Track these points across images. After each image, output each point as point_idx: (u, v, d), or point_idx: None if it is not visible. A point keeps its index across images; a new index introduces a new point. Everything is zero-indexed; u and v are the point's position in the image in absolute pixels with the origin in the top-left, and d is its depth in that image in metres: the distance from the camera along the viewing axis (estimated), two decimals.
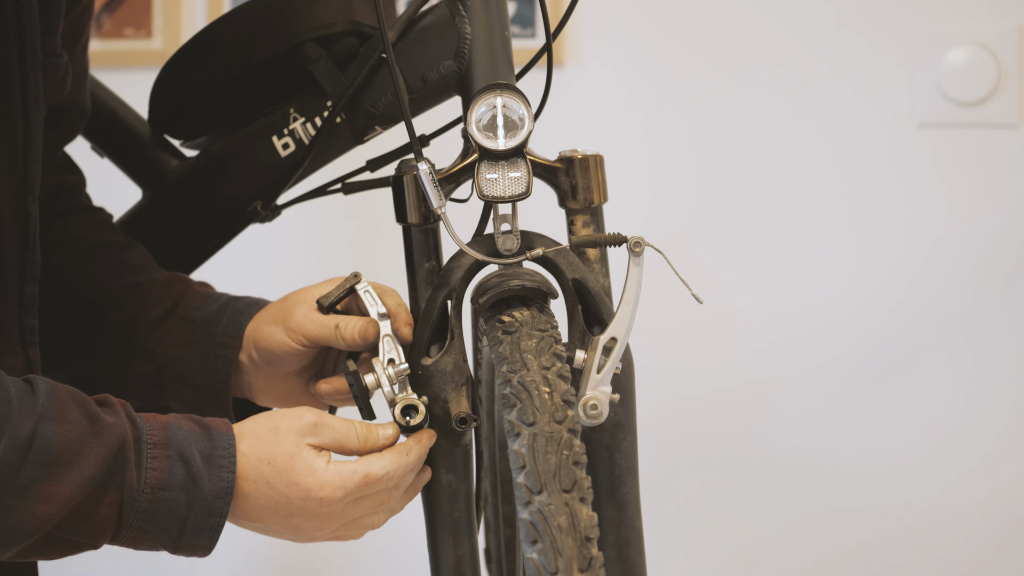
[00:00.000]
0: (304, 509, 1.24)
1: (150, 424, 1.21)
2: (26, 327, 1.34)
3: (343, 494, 1.24)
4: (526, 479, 1.10)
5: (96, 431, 1.18)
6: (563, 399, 1.15)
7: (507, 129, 1.28)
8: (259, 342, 1.41)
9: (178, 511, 1.21)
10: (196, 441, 1.22)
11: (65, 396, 1.19)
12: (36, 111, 1.33)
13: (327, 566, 2.47)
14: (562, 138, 1.52)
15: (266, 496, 1.24)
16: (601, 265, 1.37)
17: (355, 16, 1.49)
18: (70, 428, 1.18)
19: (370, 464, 1.25)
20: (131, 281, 1.48)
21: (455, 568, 1.32)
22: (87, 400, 1.20)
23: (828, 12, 2.34)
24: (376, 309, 1.34)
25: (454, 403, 1.29)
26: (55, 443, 1.17)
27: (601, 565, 1.06)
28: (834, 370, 2.37)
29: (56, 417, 1.18)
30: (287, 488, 1.23)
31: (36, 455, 1.16)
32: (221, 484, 1.21)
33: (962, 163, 2.34)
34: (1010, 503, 2.35)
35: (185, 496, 1.20)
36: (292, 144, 1.51)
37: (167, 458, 1.20)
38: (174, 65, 1.55)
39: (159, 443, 1.20)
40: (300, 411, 1.26)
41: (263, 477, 1.23)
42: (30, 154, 1.33)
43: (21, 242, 1.33)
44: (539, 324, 1.22)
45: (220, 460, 1.22)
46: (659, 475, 2.37)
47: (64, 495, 1.17)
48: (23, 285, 1.34)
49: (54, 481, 1.17)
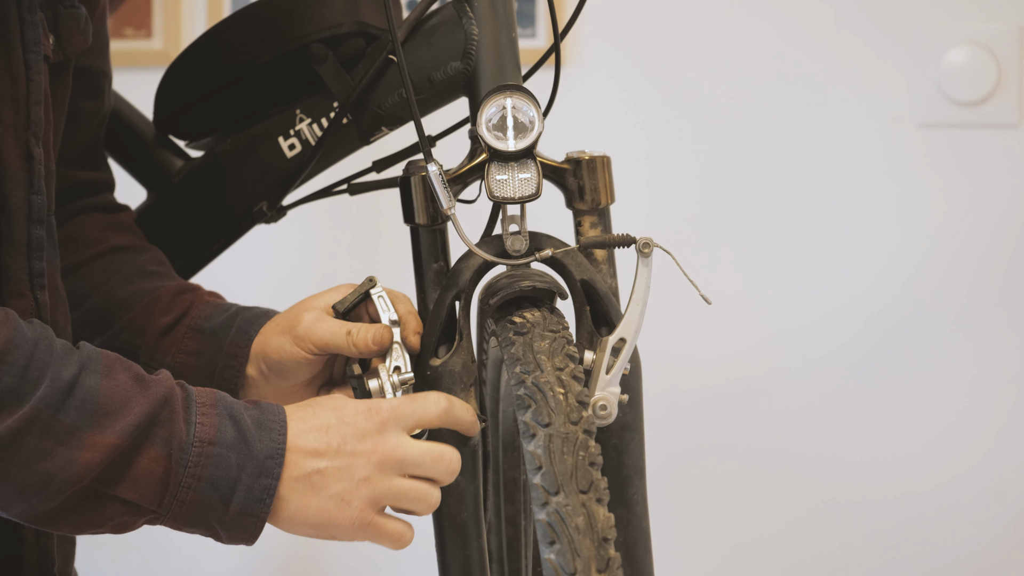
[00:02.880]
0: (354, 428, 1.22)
1: (198, 390, 1.21)
2: (34, 270, 1.33)
3: (388, 406, 1.23)
4: (543, 480, 1.10)
5: (142, 388, 1.18)
6: (578, 400, 1.16)
7: (517, 130, 1.28)
8: (268, 355, 1.40)
9: (229, 470, 1.18)
10: (245, 408, 1.21)
11: (112, 357, 1.19)
12: (35, 55, 1.33)
13: (333, 566, 2.47)
14: (562, 138, 1.52)
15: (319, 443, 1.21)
16: (609, 266, 1.37)
17: (362, 17, 1.49)
18: (115, 383, 1.17)
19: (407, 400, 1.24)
20: (142, 287, 1.47)
21: (463, 568, 1.32)
22: (133, 364, 1.20)
23: (828, 13, 2.35)
24: (388, 315, 1.34)
25: None
26: (100, 393, 1.16)
27: (619, 566, 1.06)
28: (835, 365, 2.37)
29: (102, 371, 1.17)
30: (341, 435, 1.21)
31: (79, 402, 1.15)
32: (272, 445, 1.19)
33: (961, 163, 2.34)
34: (1010, 496, 2.36)
35: (236, 455, 1.19)
36: (298, 145, 1.51)
37: (217, 416, 1.19)
38: (180, 65, 1.55)
39: (208, 403, 1.20)
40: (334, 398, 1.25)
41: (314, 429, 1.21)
42: (31, 96, 1.32)
43: (27, 184, 1.32)
44: (551, 325, 1.23)
45: (271, 424, 1.20)
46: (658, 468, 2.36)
47: (108, 442, 1.15)
48: (30, 228, 1.33)
49: (98, 430, 1.15)
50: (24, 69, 1.32)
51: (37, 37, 1.33)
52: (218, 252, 1.59)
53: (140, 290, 1.47)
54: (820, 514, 2.38)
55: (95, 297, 1.47)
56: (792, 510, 2.39)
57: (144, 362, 1.44)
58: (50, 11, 1.36)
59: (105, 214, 1.53)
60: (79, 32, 1.39)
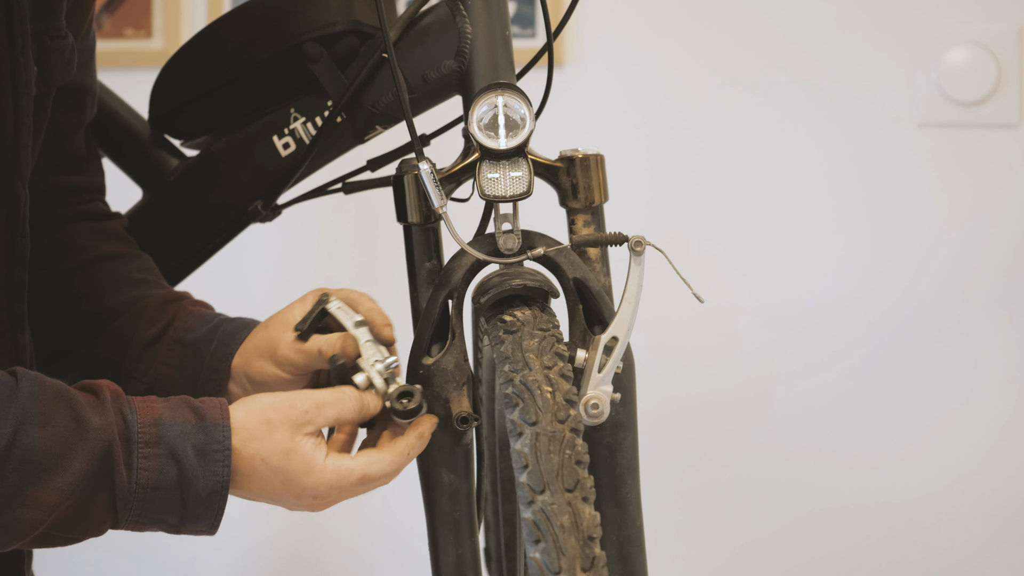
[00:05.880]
0: (298, 500, 1.24)
1: (141, 420, 1.20)
2: (15, 312, 1.34)
3: (338, 492, 1.24)
4: (529, 478, 1.10)
5: (82, 434, 1.17)
6: (565, 398, 1.15)
7: (508, 128, 1.28)
8: (251, 376, 1.40)
9: (173, 506, 1.20)
10: (190, 435, 1.20)
11: (51, 396, 1.18)
12: (26, 96, 1.32)
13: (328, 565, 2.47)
14: (562, 138, 1.52)
15: (259, 487, 1.23)
16: (602, 264, 1.37)
17: (356, 16, 1.49)
18: (54, 432, 1.17)
19: (369, 466, 1.25)
20: (130, 296, 1.47)
21: (456, 567, 1.32)
22: (75, 399, 1.19)
23: (828, 12, 2.34)
24: (352, 320, 1.34)
25: (455, 402, 1.29)
26: (38, 449, 1.16)
27: (604, 565, 1.06)
28: (834, 368, 2.37)
29: (39, 421, 1.16)
30: (282, 485, 1.23)
31: (18, 463, 1.15)
32: (216, 479, 1.20)
33: (962, 163, 2.34)
34: (1010, 500, 2.35)
35: (179, 492, 1.20)
36: (293, 144, 1.51)
37: (158, 457, 1.19)
38: (175, 64, 1.55)
39: (150, 441, 1.19)
40: (293, 399, 1.24)
41: (256, 472, 1.23)
42: (20, 140, 1.32)
43: (10, 227, 1.32)
44: (541, 323, 1.22)
45: (214, 455, 1.20)
46: (659, 473, 2.37)
47: (50, 500, 1.16)
48: (12, 271, 1.33)
49: (39, 487, 1.16)
50: (14, 112, 1.31)
51: (29, 79, 1.32)
52: (213, 251, 1.59)
53: (128, 299, 1.46)
54: (822, 518, 2.38)
55: (83, 305, 1.46)
56: (793, 513, 2.39)
57: (128, 373, 1.43)
58: (36, 43, 1.34)
59: (96, 222, 1.52)
60: (63, 64, 1.38)
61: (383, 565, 2.42)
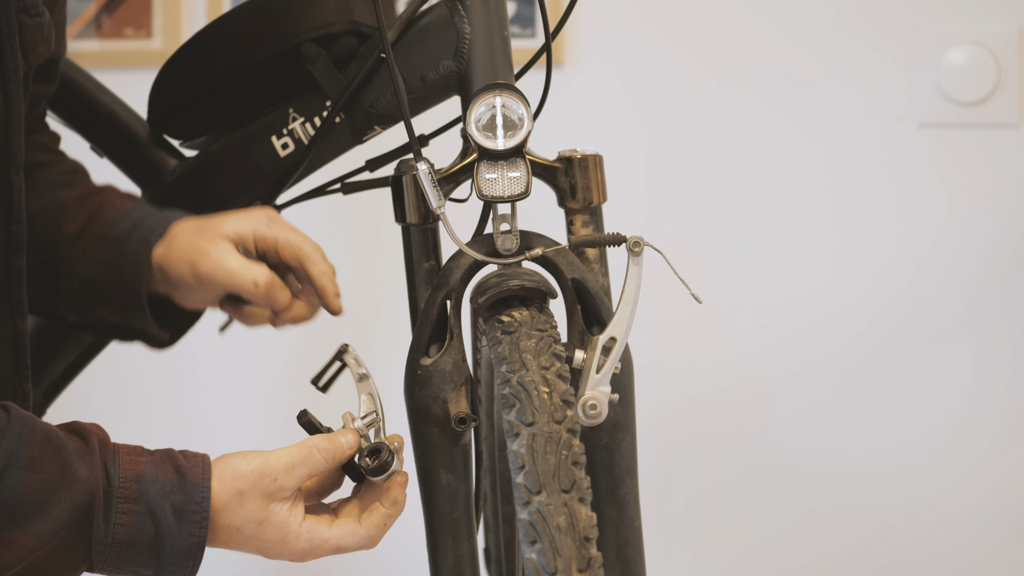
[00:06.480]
0: (277, 558, 1.25)
1: (123, 475, 1.20)
2: (14, 298, 1.33)
3: (314, 556, 1.25)
4: (525, 479, 1.10)
5: (68, 484, 1.18)
6: (562, 399, 1.15)
7: (506, 129, 1.28)
8: (168, 274, 1.41)
9: (149, 560, 1.20)
10: (170, 494, 1.20)
11: (40, 440, 1.18)
12: (15, 83, 1.32)
13: (327, 565, 2.47)
14: (562, 138, 1.52)
15: (237, 548, 1.24)
16: (600, 265, 1.37)
17: (354, 16, 1.49)
18: (40, 477, 1.17)
19: (344, 539, 1.25)
20: (52, 199, 1.47)
21: (454, 568, 1.32)
22: (63, 446, 1.19)
23: (828, 12, 2.34)
24: (359, 372, 1.32)
25: (453, 403, 1.29)
26: (21, 492, 1.16)
27: (600, 565, 1.05)
28: (834, 368, 2.37)
29: (26, 465, 1.16)
30: (258, 550, 1.24)
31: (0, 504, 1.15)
32: (192, 540, 1.20)
33: (962, 163, 2.34)
34: (1009, 500, 2.35)
35: (155, 548, 1.20)
36: (291, 144, 1.51)
37: (137, 514, 1.19)
38: (173, 65, 1.55)
39: (130, 497, 1.19)
40: (263, 468, 1.23)
41: (232, 539, 1.23)
42: (11, 126, 1.32)
43: (6, 214, 1.32)
44: (538, 324, 1.22)
45: (192, 516, 1.20)
46: (658, 474, 2.37)
47: (27, 545, 1.17)
48: (10, 256, 1.33)
49: (17, 530, 1.16)
50: (3, 99, 1.31)
51: (17, 65, 1.32)
52: None
53: (51, 201, 1.46)
54: (821, 518, 2.38)
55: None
56: (792, 514, 2.39)
57: (64, 271, 1.43)
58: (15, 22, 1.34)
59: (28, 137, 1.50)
60: (43, 41, 1.37)
61: (382, 565, 2.42)
